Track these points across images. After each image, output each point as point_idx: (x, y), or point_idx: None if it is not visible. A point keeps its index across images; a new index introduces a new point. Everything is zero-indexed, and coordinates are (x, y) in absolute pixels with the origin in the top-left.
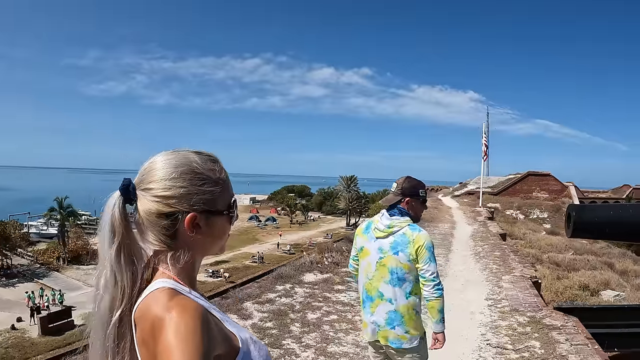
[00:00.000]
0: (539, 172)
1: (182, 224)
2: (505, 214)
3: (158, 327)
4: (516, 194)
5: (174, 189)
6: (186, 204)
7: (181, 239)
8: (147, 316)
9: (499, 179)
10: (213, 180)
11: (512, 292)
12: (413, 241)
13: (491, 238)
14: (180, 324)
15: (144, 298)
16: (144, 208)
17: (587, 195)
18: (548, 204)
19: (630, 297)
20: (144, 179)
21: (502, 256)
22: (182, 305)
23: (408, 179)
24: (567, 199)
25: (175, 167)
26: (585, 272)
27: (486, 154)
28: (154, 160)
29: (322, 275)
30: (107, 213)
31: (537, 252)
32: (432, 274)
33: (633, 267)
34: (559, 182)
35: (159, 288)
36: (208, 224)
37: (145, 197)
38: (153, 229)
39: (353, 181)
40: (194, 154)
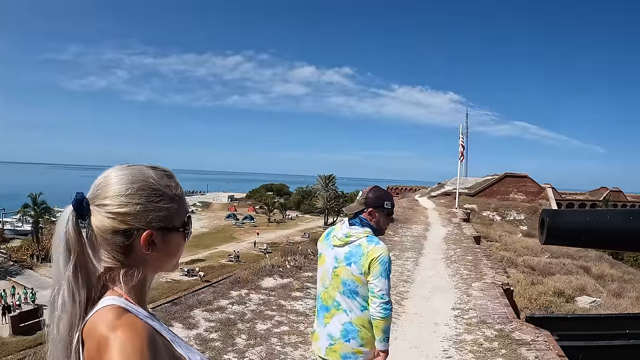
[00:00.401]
0: (517, 173)
1: (138, 241)
2: (481, 215)
3: (103, 346)
4: (493, 195)
5: (130, 205)
6: (142, 220)
7: (135, 256)
8: (93, 335)
9: (476, 180)
10: (169, 197)
11: (482, 301)
12: (367, 253)
13: (464, 241)
14: (126, 344)
15: (92, 315)
16: (98, 224)
17: (565, 197)
18: (525, 205)
19: (607, 303)
20: (98, 194)
21: (474, 261)
22: (129, 324)
23: (374, 188)
24: (545, 200)
25: (131, 182)
26: (561, 276)
27: (463, 155)
28: (109, 175)
29: (281, 280)
30: (62, 229)
31: (512, 255)
32: (380, 290)
33: (609, 270)
34: (536, 184)
35: (107, 306)
36: (164, 241)
37: (99, 212)
38: (106, 245)
39: (331, 180)
40: (149, 169)
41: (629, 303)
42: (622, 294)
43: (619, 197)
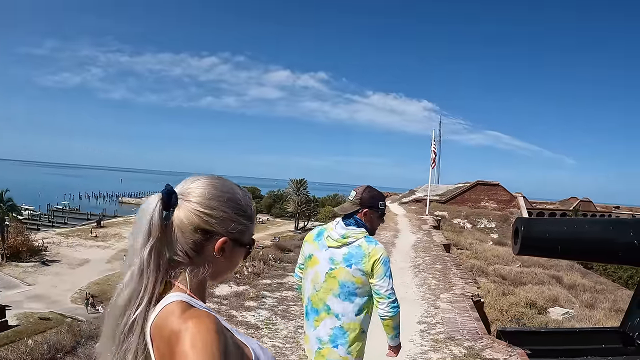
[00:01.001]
0: (488, 181)
1: (212, 244)
2: (452, 223)
3: (175, 339)
4: (464, 202)
5: (218, 210)
6: (224, 227)
7: (204, 256)
8: (163, 331)
9: (447, 187)
10: (247, 216)
11: (450, 314)
12: (369, 255)
13: (434, 249)
14: (197, 335)
15: (160, 312)
16: (181, 217)
17: (536, 206)
18: (496, 213)
19: (580, 314)
20: (189, 192)
21: (443, 270)
22: (198, 316)
23: (368, 188)
24: (516, 209)
25: (222, 192)
26: (533, 286)
27: (435, 161)
28: (199, 180)
29: (237, 288)
30: (147, 213)
31: (482, 264)
32: (387, 290)
33: (581, 280)
34: (507, 192)
35: (174, 301)
36: (232, 252)
37: (187, 208)
38: (183, 239)
39: (303, 184)
40: (237, 187)
41: (602, 315)
42: (595, 305)
43: (589, 207)
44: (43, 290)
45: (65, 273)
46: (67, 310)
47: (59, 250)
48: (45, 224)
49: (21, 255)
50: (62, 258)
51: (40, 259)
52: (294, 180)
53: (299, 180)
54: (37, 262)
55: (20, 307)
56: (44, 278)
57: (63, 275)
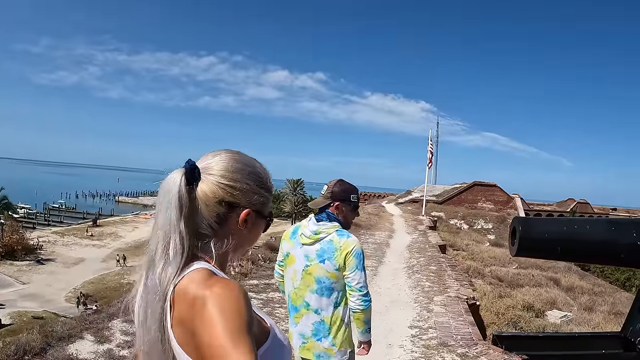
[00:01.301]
0: (485, 182)
1: (236, 216)
2: (449, 224)
3: (199, 304)
4: (461, 203)
5: (241, 182)
6: (247, 199)
7: (227, 228)
8: (185, 296)
9: (444, 188)
10: (267, 188)
11: (443, 318)
12: (340, 248)
13: (429, 249)
14: (223, 299)
15: (182, 278)
16: (205, 190)
17: (533, 208)
18: (493, 214)
19: (578, 318)
20: (211, 166)
21: (438, 271)
22: (224, 281)
23: (340, 182)
24: (513, 210)
25: (244, 165)
26: (530, 289)
27: (431, 161)
28: (221, 154)
29: None
30: (174, 187)
31: (479, 265)
32: (358, 283)
33: (579, 282)
34: (504, 193)
35: (197, 269)
36: (254, 224)
37: (210, 181)
38: (207, 212)
39: (299, 184)
40: (256, 161)
41: (601, 318)
42: (594, 308)
43: (586, 208)
44: (37, 289)
45: (60, 272)
46: (61, 310)
47: (54, 249)
48: (41, 222)
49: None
50: (57, 257)
51: (35, 258)
52: (291, 180)
53: (296, 181)
54: (32, 261)
55: (14, 306)
56: (38, 277)
57: (58, 274)
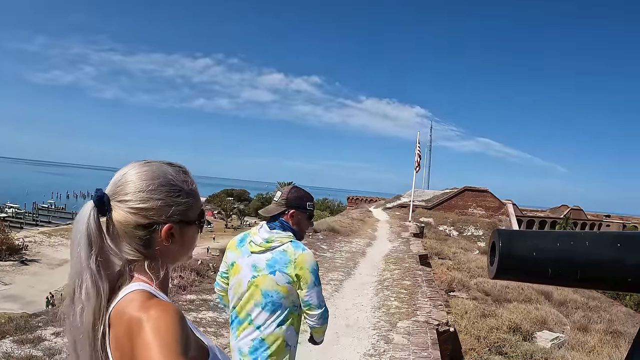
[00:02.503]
0: (476, 187)
1: (158, 234)
2: (437, 230)
3: (136, 327)
4: (451, 209)
5: (152, 200)
6: (163, 215)
7: (154, 249)
8: (122, 318)
9: (434, 193)
10: (186, 192)
11: (402, 353)
12: (295, 261)
13: (407, 260)
14: (160, 322)
15: (120, 300)
16: (120, 219)
17: (526, 214)
18: (484, 221)
19: (572, 340)
20: (119, 191)
21: (411, 287)
22: (161, 304)
23: (295, 188)
24: (505, 216)
25: (151, 179)
26: (518, 305)
27: (419, 165)
28: (128, 172)
29: None
30: (82, 224)
31: (464, 277)
32: (318, 299)
33: (572, 295)
34: (496, 199)
35: (135, 290)
36: (181, 234)
37: (121, 208)
38: (129, 239)
39: None
40: (167, 166)
41: (597, 340)
42: (589, 327)
43: (580, 215)
44: (19, 290)
45: (44, 273)
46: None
47: (39, 250)
48: (29, 222)
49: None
50: (42, 257)
51: (19, 258)
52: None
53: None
54: (16, 261)
55: None
56: (21, 277)
57: (41, 275)
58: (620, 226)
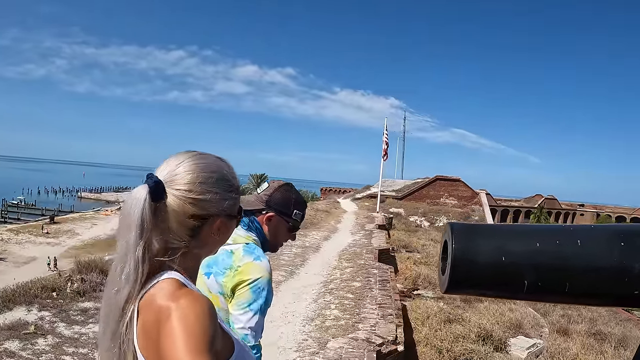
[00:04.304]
0: (448, 176)
1: (208, 227)
2: (408, 221)
3: (164, 316)
4: (422, 199)
5: (210, 193)
6: (218, 208)
7: (200, 239)
8: (151, 306)
9: (405, 183)
10: (235, 188)
11: None
12: (238, 269)
13: (365, 256)
14: (189, 312)
15: (150, 287)
16: (174, 207)
17: (500, 203)
18: (457, 211)
19: (550, 347)
20: (176, 180)
21: (360, 290)
22: (191, 294)
23: (286, 187)
24: (478, 206)
25: (211, 172)
26: (490, 306)
27: (386, 153)
28: (184, 162)
29: (35, 314)
30: (137, 207)
31: (432, 272)
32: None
33: None
34: (469, 188)
35: (165, 279)
36: (227, 227)
37: (177, 196)
38: (179, 227)
39: (263, 180)
40: (221, 161)
41: (579, 345)
42: (569, 329)
43: (554, 204)
44: None
45: (10, 272)
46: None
47: (6, 248)
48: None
49: None
50: (8, 256)
51: None
52: (254, 175)
53: (260, 175)
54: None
55: None
56: None
57: (7, 273)
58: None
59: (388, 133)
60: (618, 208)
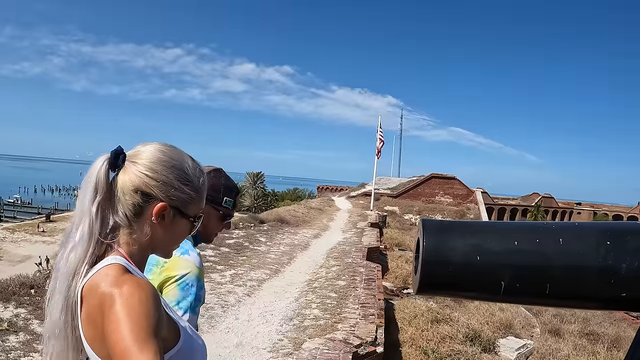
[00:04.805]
0: (444, 174)
1: (151, 208)
2: (403, 219)
3: (108, 302)
4: (418, 197)
5: (160, 174)
6: (163, 193)
7: (142, 222)
8: (95, 292)
9: (400, 181)
10: (194, 187)
11: None
12: (164, 265)
13: (353, 254)
14: (132, 298)
15: (94, 273)
16: (124, 178)
17: (497, 202)
18: (452, 209)
19: (541, 347)
20: (137, 154)
21: (344, 290)
22: (135, 280)
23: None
24: (473, 204)
25: (170, 157)
26: (481, 305)
27: (380, 151)
28: (151, 144)
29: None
30: (94, 171)
31: None
32: None
33: None
34: (464, 187)
35: (110, 265)
36: (173, 222)
37: (131, 168)
38: (124, 200)
39: (260, 178)
40: (188, 157)
41: (571, 346)
42: (561, 329)
43: (551, 203)
44: None
45: (5, 270)
46: None
47: (1, 246)
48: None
49: None
50: (4, 254)
51: None
52: (251, 173)
53: (256, 174)
54: None
55: None
56: None
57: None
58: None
59: (383, 131)
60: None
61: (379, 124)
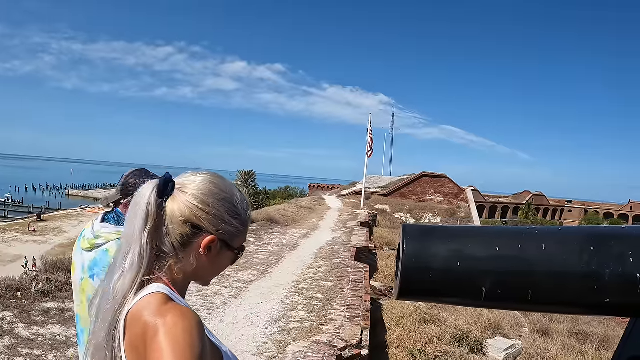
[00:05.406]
0: (434, 173)
1: (199, 241)
2: (393, 217)
3: (151, 332)
4: (409, 195)
5: (212, 207)
6: (214, 226)
7: (189, 252)
8: (138, 321)
9: (391, 179)
10: (242, 220)
11: None
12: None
13: (341, 254)
14: (176, 328)
15: (138, 301)
16: (174, 207)
17: (488, 200)
18: (442, 207)
19: (530, 348)
20: (187, 184)
21: (331, 290)
22: (179, 309)
23: (138, 172)
24: (464, 203)
25: (220, 190)
26: None
27: (371, 149)
28: (202, 175)
29: None
30: (144, 198)
31: None
32: None
33: None
34: (455, 185)
35: (153, 293)
36: (219, 254)
37: (180, 198)
38: (172, 230)
39: (251, 176)
40: (236, 190)
41: (559, 346)
42: (550, 329)
43: (542, 200)
44: None
45: None
46: None
47: None
48: None
49: None
50: None
51: None
52: (242, 171)
53: (247, 172)
54: None
55: None
56: None
57: None
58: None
59: (373, 129)
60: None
61: (369, 122)
